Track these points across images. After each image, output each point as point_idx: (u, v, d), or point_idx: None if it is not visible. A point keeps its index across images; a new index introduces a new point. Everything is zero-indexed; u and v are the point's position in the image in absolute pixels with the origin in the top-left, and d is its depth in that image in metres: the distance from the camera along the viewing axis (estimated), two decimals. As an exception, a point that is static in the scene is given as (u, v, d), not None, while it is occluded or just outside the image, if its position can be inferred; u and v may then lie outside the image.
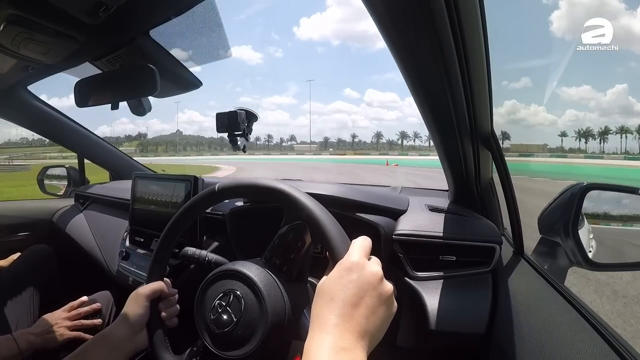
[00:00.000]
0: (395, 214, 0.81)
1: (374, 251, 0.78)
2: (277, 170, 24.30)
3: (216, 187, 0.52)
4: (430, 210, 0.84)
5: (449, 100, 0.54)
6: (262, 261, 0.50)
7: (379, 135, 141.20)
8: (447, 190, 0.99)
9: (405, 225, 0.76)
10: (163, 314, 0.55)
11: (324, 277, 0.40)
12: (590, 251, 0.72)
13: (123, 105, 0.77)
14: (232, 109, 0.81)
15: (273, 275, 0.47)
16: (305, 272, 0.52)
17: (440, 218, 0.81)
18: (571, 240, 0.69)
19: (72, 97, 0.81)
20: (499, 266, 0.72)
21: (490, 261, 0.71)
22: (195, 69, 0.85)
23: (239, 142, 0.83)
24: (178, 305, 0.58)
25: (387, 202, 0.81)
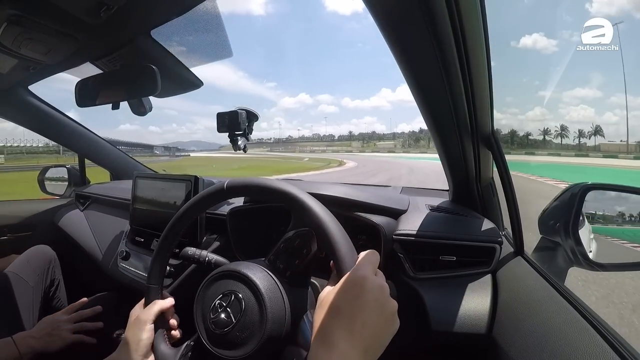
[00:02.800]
0: (395, 213, 0.81)
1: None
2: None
3: (225, 184, 0.51)
4: (430, 210, 0.84)
5: (449, 99, 0.54)
6: (266, 263, 0.50)
7: None
8: (447, 190, 0.99)
9: (406, 225, 0.76)
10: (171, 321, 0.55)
11: (328, 287, 0.40)
12: (590, 251, 0.72)
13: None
14: (233, 109, 0.81)
15: (275, 279, 0.46)
16: (308, 277, 0.52)
17: (440, 218, 0.81)
18: (571, 240, 0.69)
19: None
20: (499, 266, 0.72)
21: (490, 261, 0.71)
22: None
23: (239, 142, 0.83)
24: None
25: (388, 202, 0.81)
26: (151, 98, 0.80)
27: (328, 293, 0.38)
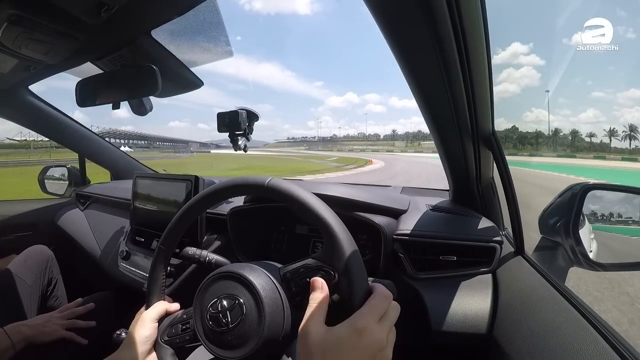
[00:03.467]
0: (396, 213, 0.81)
1: (376, 252, 0.78)
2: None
3: (267, 182, 0.48)
4: (431, 210, 0.84)
5: (450, 99, 0.54)
6: (280, 276, 0.47)
7: None
8: (448, 190, 0.99)
9: (406, 225, 0.76)
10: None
11: (319, 322, 0.39)
12: (591, 251, 0.72)
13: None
14: (234, 109, 0.81)
15: (283, 298, 0.45)
16: None
17: (440, 218, 0.81)
18: (572, 240, 0.69)
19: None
20: (499, 266, 0.72)
21: (491, 261, 0.71)
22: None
23: (239, 142, 0.83)
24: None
25: (388, 202, 0.81)
26: (153, 98, 0.80)
27: (327, 332, 0.37)
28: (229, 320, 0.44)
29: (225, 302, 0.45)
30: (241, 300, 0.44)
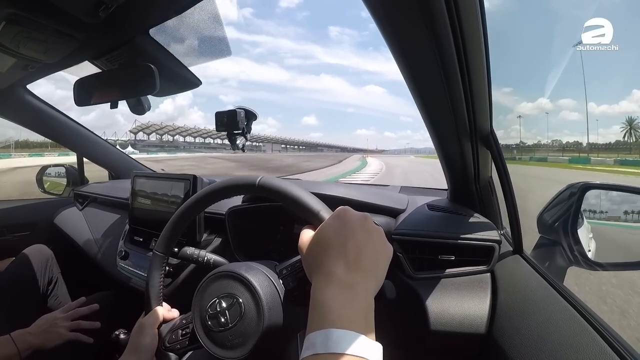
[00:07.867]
0: (394, 213, 0.81)
1: None
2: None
3: (257, 181, 0.49)
4: (429, 209, 0.84)
5: (448, 98, 0.54)
6: (276, 273, 0.48)
7: None
8: (446, 190, 0.99)
9: (404, 224, 0.76)
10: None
11: (307, 232, 0.41)
12: (589, 251, 0.72)
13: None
14: (232, 108, 0.81)
15: (280, 294, 0.46)
16: None
17: (439, 217, 0.81)
18: (570, 239, 0.69)
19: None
20: (498, 266, 0.72)
21: (489, 261, 0.71)
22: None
23: (237, 142, 0.83)
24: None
25: (386, 201, 0.81)
26: (152, 97, 0.80)
27: (312, 236, 0.39)
28: (228, 319, 0.44)
29: (224, 302, 0.45)
30: (240, 299, 0.44)
